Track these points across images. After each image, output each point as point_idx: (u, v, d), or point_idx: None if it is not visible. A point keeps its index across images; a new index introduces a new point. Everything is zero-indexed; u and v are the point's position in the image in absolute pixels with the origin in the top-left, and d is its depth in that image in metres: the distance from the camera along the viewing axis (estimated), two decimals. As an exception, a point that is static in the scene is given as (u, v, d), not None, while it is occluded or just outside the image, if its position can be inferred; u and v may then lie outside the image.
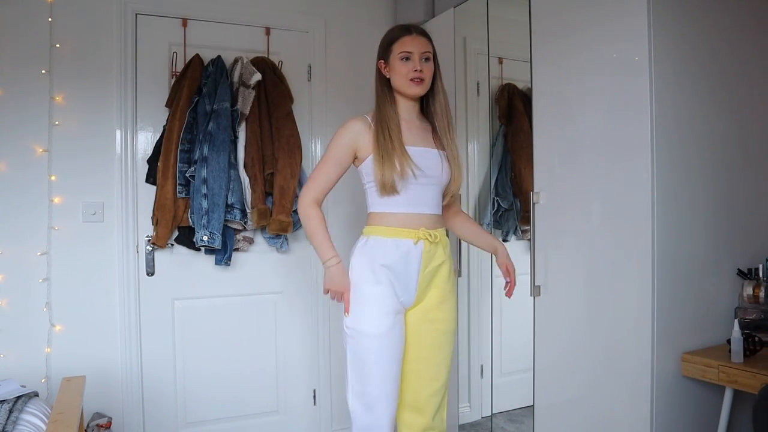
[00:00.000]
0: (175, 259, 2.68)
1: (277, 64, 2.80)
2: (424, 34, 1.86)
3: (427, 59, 1.83)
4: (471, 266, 2.86)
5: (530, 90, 2.17)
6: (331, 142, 1.84)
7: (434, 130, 1.89)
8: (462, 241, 2.74)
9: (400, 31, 1.85)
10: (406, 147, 1.79)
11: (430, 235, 1.80)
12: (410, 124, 1.87)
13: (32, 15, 2.43)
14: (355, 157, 1.84)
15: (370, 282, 1.78)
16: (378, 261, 1.78)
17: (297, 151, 2.71)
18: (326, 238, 1.83)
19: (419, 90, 1.83)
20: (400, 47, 1.82)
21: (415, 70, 1.80)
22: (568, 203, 2.03)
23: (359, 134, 1.81)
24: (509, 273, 1.97)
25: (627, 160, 1.82)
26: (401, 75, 1.81)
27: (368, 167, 1.81)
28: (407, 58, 1.81)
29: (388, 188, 1.78)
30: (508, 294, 1.97)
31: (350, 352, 1.80)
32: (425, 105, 1.91)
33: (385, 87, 1.86)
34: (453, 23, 2.65)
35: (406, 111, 1.88)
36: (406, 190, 1.80)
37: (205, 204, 2.51)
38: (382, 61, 1.86)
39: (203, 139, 2.53)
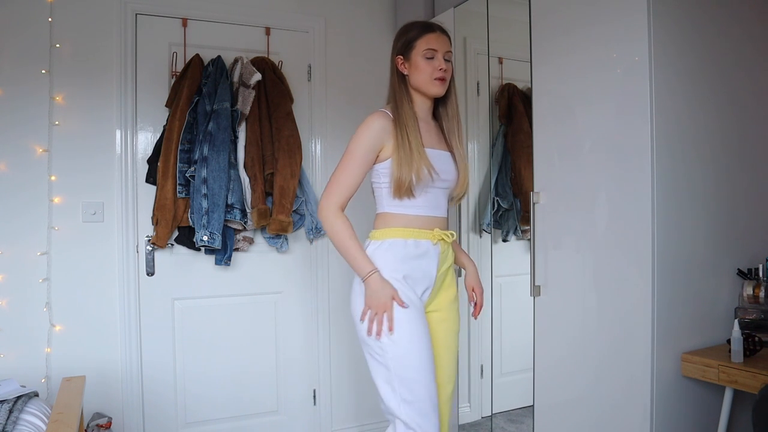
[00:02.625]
0: (175, 259, 2.68)
1: (277, 64, 2.80)
2: (447, 33, 1.82)
3: (447, 59, 1.79)
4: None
5: (530, 90, 2.17)
6: (355, 142, 1.72)
7: (442, 131, 1.86)
8: (461, 241, 2.74)
9: (423, 28, 1.78)
10: (425, 149, 1.75)
11: (446, 236, 1.78)
12: (427, 125, 1.82)
13: (32, 15, 2.43)
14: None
15: (398, 287, 1.71)
16: (399, 264, 1.73)
17: (297, 151, 2.71)
18: (360, 251, 1.71)
19: (442, 89, 1.78)
20: (425, 44, 1.75)
21: (440, 69, 1.75)
22: (568, 203, 2.03)
23: (385, 133, 1.73)
24: (475, 295, 1.93)
25: (627, 160, 1.82)
26: (425, 73, 1.75)
27: (387, 167, 1.75)
28: (432, 57, 1.76)
29: (404, 191, 1.72)
30: (475, 315, 1.93)
31: (391, 361, 1.67)
32: (436, 105, 1.87)
33: (401, 84, 1.79)
34: (453, 23, 2.65)
35: (422, 110, 1.82)
36: (425, 193, 1.75)
37: (205, 204, 2.51)
38: (401, 57, 1.79)
39: (203, 139, 2.53)
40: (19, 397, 1.93)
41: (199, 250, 2.65)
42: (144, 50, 2.62)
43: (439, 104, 1.86)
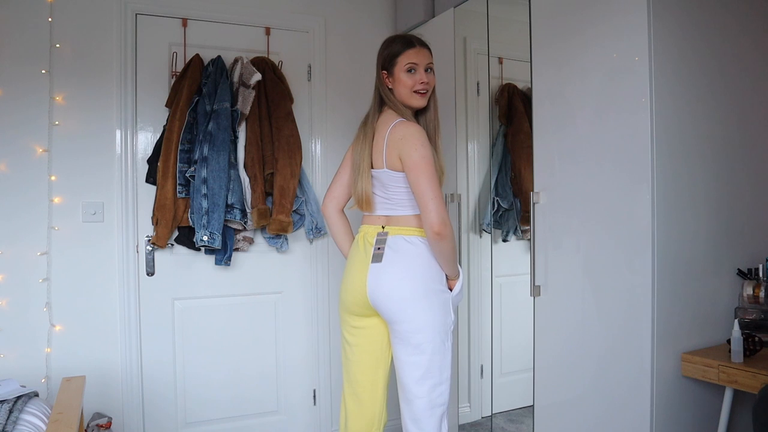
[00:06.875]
0: (175, 259, 2.68)
1: (277, 64, 2.80)
2: (427, 46, 1.93)
3: (429, 70, 1.90)
4: (471, 266, 2.86)
5: (530, 90, 2.17)
6: (428, 155, 1.76)
7: None
8: (461, 241, 2.75)
9: (404, 44, 1.89)
10: None
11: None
12: None
13: (32, 15, 2.43)
14: None
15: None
16: None
17: (297, 151, 2.71)
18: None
19: (423, 101, 1.90)
20: (406, 59, 1.87)
21: (421, 82, 1.87)
22: (568, 203, 2.03)
23: None
24: None
25: (627, 160, 1.82)
26: (406, 87, 1.87)
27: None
28: (412, 70, 1.86)
29: None
30: None
31: (451, 344, 1.85)
32: (418, 113, 1.94)
33: (393, 96, 1.89)
34: (453, 23, 2.64)
35: None
36: None
37: (205, 204, 2.51)
38: (385, 72, 1.90)
39: (203, 139, 2.53)
40: (19, 397, 1.93)
41: (199, 250, 2.65)
42: (144, 50, 2.62)
43: (419, 114, 1.95)
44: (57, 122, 2.47)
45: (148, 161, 2.61)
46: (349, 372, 1.97)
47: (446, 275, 1.87)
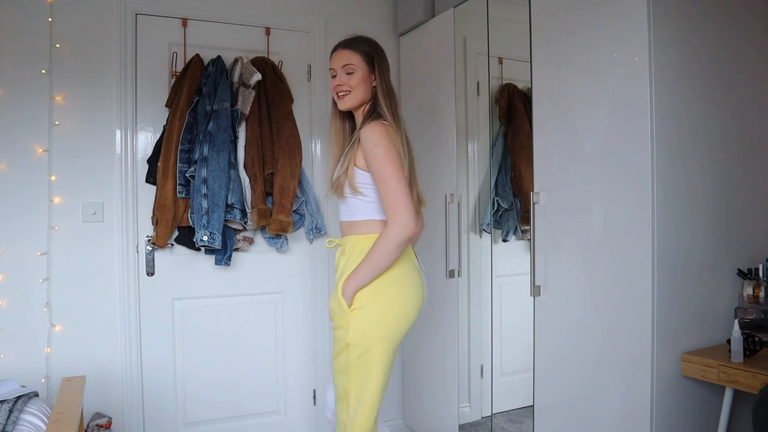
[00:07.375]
0: (175, 259, 2.68)
1: (277, 64, 2.80)
2: (352, 45, 1.90)
3: (349, 72, 1.87)
4: (471, 266, 2.86)
5: (530, 90, 2.17)
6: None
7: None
8: (461, 241, 2.75)
9: (331, 52, 1.97)
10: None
11: (341, 242, 1.91)
12: (343, 134, 2.00)
13: (32, 15, 2.43)
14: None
15: None
16: None
17: (297, 151, 2.71)
18: None
19: (342, 104, 1.90)
20: (330, 66, 1.96)
21: (337, 85, 1.89)
22: (568, 203, 2.03)
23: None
24: None
25: (627, 160, 1.82)
26: (332, 92, 1.94)
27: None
28: (334, 75, 1.91)
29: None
30: None
31: None
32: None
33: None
34: (453, 23, 2.65)
35: (342, 124, 2.01)
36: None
37: (205, 204, 2.51)
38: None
39: (203, 139, 2.53)
40: (19, 397, 1.93)
41: (199, 250, 2.65)
42: (144, 50, 2.62)
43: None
44: (57, 122, 2.47)
45: (148, 161, 2.61)
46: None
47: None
